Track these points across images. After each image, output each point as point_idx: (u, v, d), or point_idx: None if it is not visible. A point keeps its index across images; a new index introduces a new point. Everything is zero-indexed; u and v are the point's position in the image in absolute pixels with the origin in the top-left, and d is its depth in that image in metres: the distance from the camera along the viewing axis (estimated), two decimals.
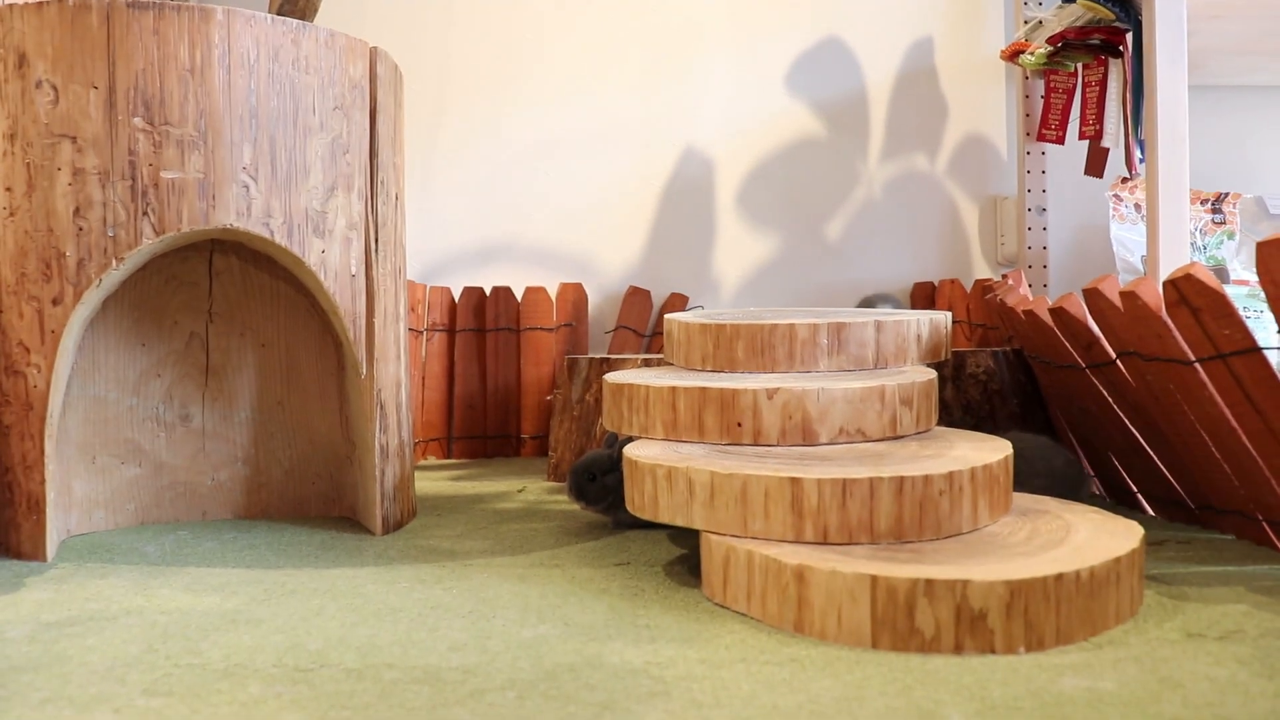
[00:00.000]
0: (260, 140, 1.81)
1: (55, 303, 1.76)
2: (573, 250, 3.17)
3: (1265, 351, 1.53)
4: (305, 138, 1.86)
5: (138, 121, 1.75)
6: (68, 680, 1.21)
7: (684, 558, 1.80)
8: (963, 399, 2.32)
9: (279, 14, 2.11)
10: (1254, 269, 2.70)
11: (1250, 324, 2.58)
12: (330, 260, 1.90)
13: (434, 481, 2.61)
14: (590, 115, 3.17)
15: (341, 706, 1.13)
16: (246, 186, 1.80)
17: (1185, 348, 1.63)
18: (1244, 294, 2.76)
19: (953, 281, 3.09)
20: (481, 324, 3.08)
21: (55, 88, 1.74)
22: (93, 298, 1.82)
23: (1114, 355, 1.83)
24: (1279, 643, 1.29)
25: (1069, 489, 1.93)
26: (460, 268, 3.16)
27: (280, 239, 1.84)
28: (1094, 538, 1.46)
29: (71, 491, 1.99)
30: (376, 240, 1.98)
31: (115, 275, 1.82)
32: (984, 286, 2.89)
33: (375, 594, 1.59)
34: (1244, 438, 1.64)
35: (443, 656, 1.30)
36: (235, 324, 2.13)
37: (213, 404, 2.13)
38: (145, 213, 1.75)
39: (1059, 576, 1.29)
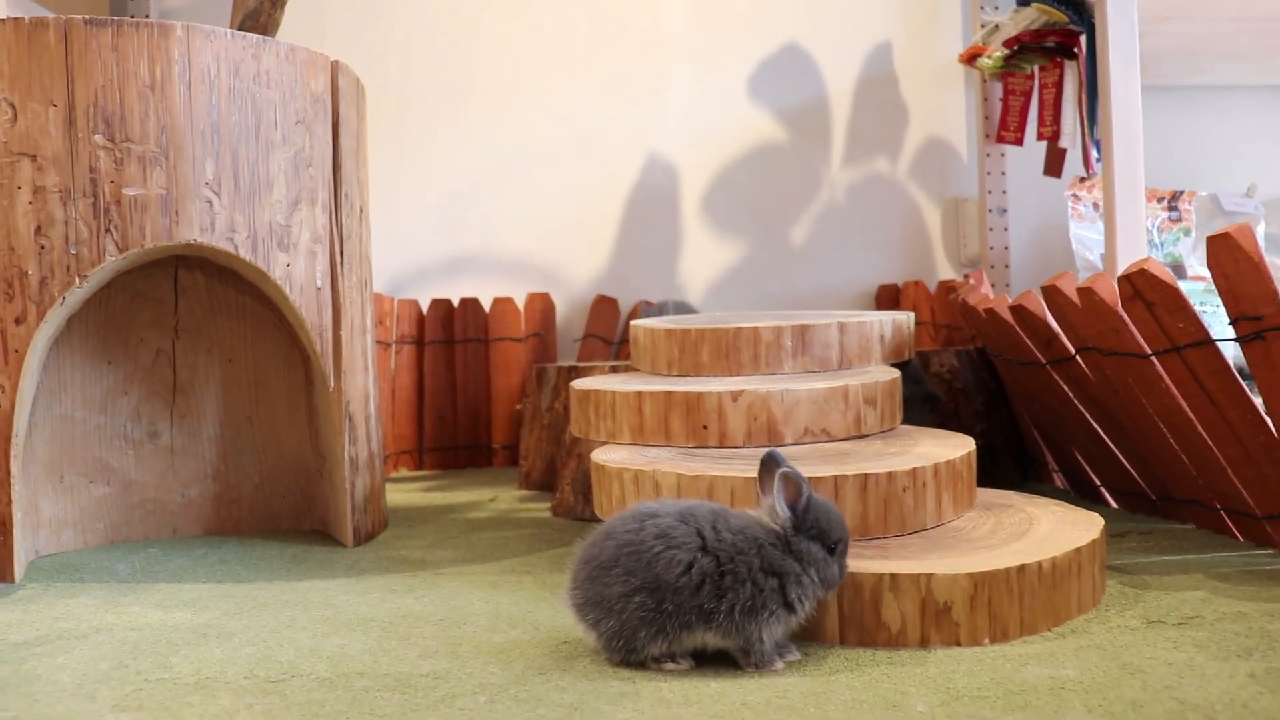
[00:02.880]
0: (222, 155, 1.81)
1: (18, 322, 1.75)
2: (540, 260, 3.18)
3: (1218, 343, 1.56)
4: (268, 152, 1.86)
5: (98, 139, 1.75)
6: (36, 699, 1.20)
7: None
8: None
9: (240, 29, 2.11)
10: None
11: (1206, 318, 2.62)
12: (295, 274, 1.90)
13: (405, 493, 2.61)
14: (555, 126, 3.18)
15: (313, 716, 1.13)
16: (210, 202, 1.80)
17: (1141, 341, 1.65)
18: (1200, 289, 2.79)
19: (916, 283, 3.11)
20: (450, 335, 3.08)
21: (13, 106, 1.73)
22: (57, 316, 1.82)
23: (1073, 351, 1.85)
24: (1235, 627, 1.31)
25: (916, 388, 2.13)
26: (428, 280, 3.16)
27: (245, 253, 1.83)
28: (1056, 530, 1.48)
29: (39, 511, 1.98)
30: (341, 253, 1.98)
31: (79, 293, 1.81)
32: (947, 287, 2.92)
33: (346, 604, 1.59)
34: (1200, 428, 1.67)
35: (414, 664, 1.31)
36: (202, 340, 2.13)
37: (181, 420, 2.12)
38: (108, 230, 1.75)
39: (1021, 568, 1.31)
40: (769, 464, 1.27)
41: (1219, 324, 2.53)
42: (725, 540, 1.20)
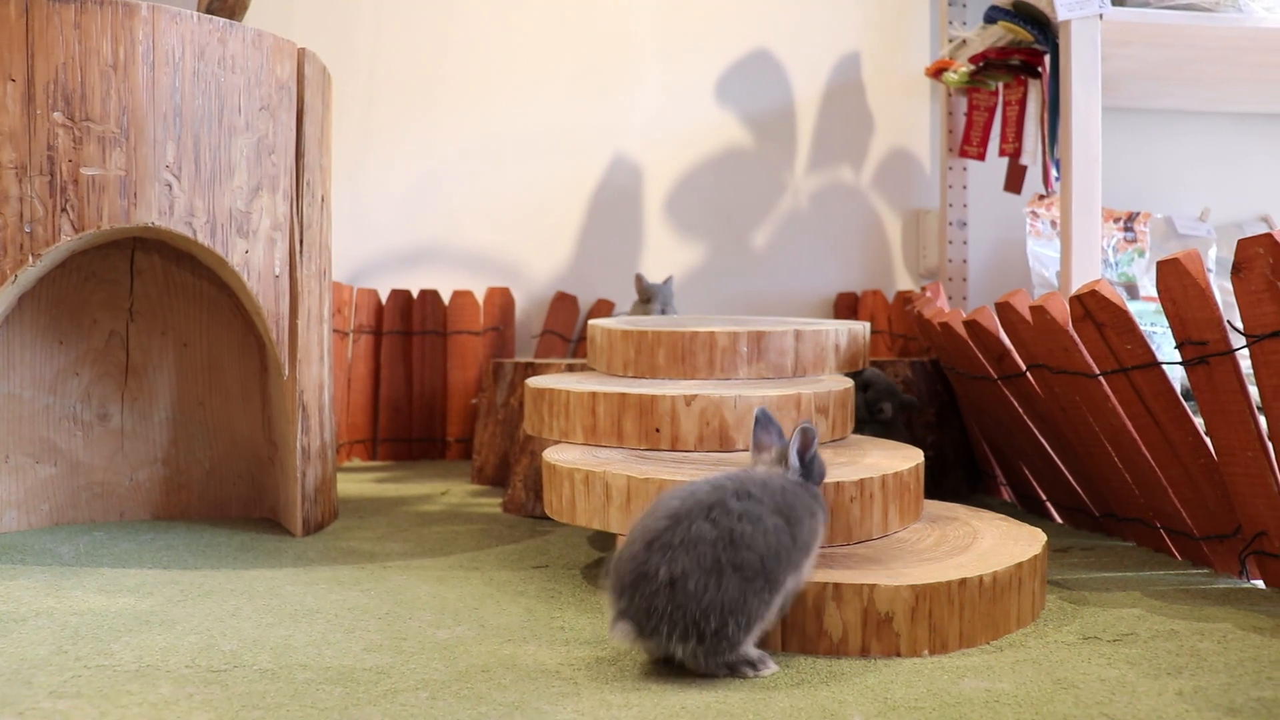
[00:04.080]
0: (184, 139, 1.80)
1: None
2: (501, 255, 3.18)
3: (1164, 366, 1.59)
4: (230, 137, 1.85)
5: (57, 116, 1.73)
6: None
7: (603, 561, 1.81)
8: None
9: (207, 12, 2.09)
10: None
11: (1157, 339, 2.66)
12: (254, 261, 1.89)
13: (357, 483, 2.60)
14: (520, 121, 3.18)
15: (253, 707, 1.13)
16: (169, 185, 1.78)
17: (1090, 361, 1.68)
18: (1153, 310, 2.84)
19: (875, 292, 3.14)
20: (408, 326, 3.07)
21: None
22: (8, 294, 1.80)
23: (1024, 367, 1.88)
24: (1168, 644, 1.34)
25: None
26: (388, 270, 3.15)
27: (203, 238, 1.82)
28: (999, 544, 1.50)
29: None
30: (301, 242, 1.97)
31: (32, 272, 1.80)
32: (905, 298, 2.95)
33: (293, 595, 1.59)
34: (1144, 448, 1.70)
35: (357, 657, 1.31)
36: (156, 323, 2.11)
37: (132, 403, 2.11)
38: (64, 209, 1.73)
39: (963, 581, 1.33)
40: (764, 420, 1.40)
41: (1169, 345, 2.57)
42: (777, 498, 1.29)
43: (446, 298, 3.10)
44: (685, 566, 1.19)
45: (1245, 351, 1.46)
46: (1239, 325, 1.46)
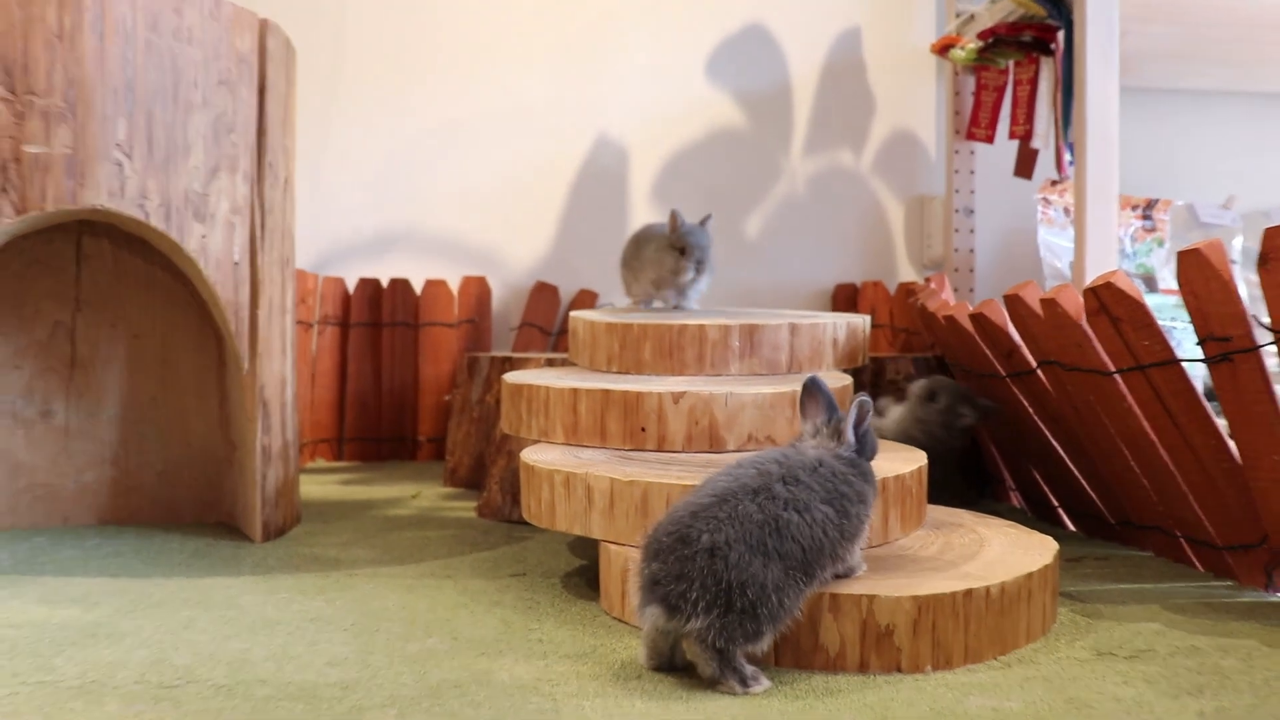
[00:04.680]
0: (136, 115, 1.78)
1: None
2: (476, 241, 3.17)
3: (1184, 364, 1.59)
4: (186, 114, 1.84)
5: None
6: None
7: (584, 569, 1.81)
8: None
9: None
10: None
11: (1176, 335, 2.67)
12: (211, 246, 1.88)
13: (322, 485, 2.59)
14: (497, 98, 3.17)
15: None
16: (120, 164, 1.77)
17: (1105, 358, 1.68)
18: (1172, 304, 2.85)
19: (876, 284, 3.14)
20: (377, 318, 3.06)
21: None
22: None
23: (1034, 364, 1.88)
24: (1188, 661, 1.34)
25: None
26: (355, 258, 3.14)
27: (157, 222, 1.81)
28: (1007, 553, 1.50)
29: None
30: (262, 226, 1.96)
31: None
32: (908, 290, 2.95)
33: (251, 605, 1.58)
34: (1162, 451, 1.70)
35: (320, 672, 1.30)
36: (105, 313, 2.10)
37: (79, 400, 2.09)
38: (4, 189, 1.72)
39: (968, 593, 1.33)
40: (813, 389, 1.42)
41: (1190, 340, 2.58)
42: (830, 485, 1.32)
43: (418, 287, 3.09)
44: (730, 538, 1.24)
45: (1272, 348, 1.46)
46: (1265, 320, 1.46)
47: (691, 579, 1.22)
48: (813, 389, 1.42)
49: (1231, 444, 1.58)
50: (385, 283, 3.08)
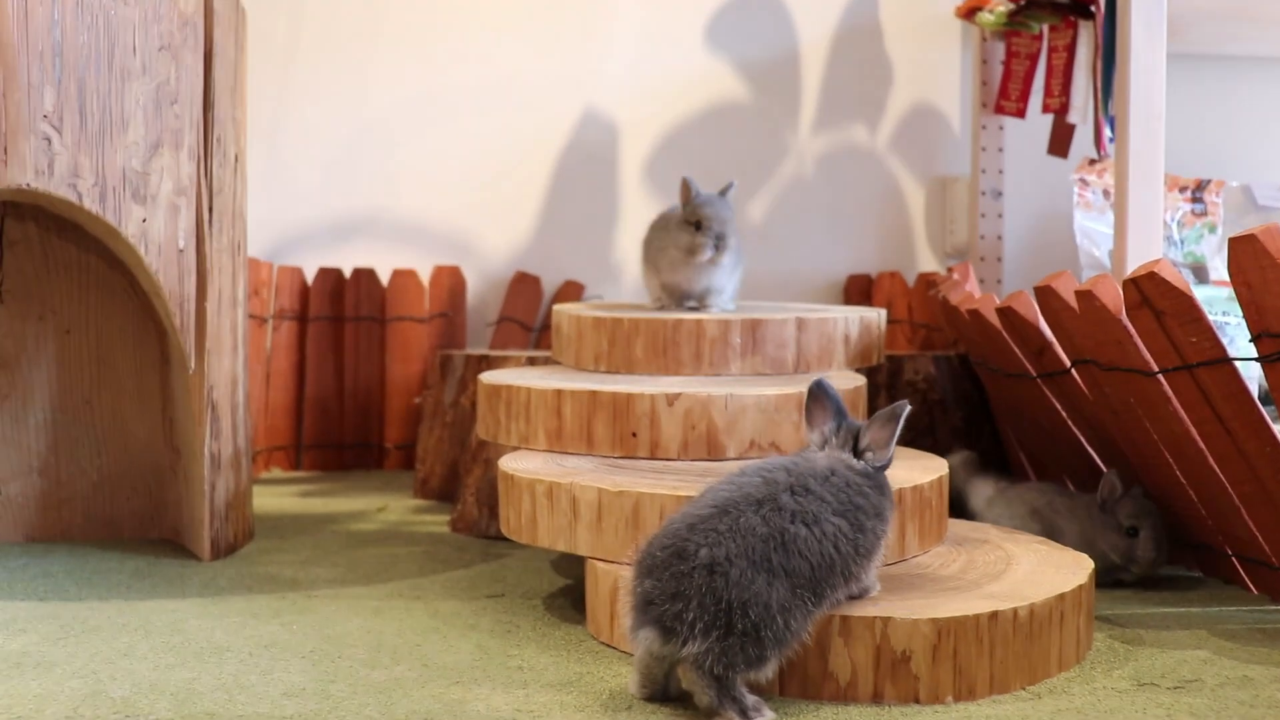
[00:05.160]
0: (66, 84, 1.79)
1: None
2: (450, 228, 3.17)
3: (1236, 363, 1.60)
4: (123, 83, 1.84)
5: None
6: None
7: (568, 589, 1.81)
8: None
9: None
10: None
11: (1228, 331, 2.68)
12: (153, 231, 1.88)
13: (278, 497, 2.60)
14: (474, 69, 3.17)
15: None
16: (48, 139, 1.77)
17: (1147, 356, 1.69)
18: (1224, 297, 2.85)
19: (893, 274, 3.15)
20: (339, 312, 3.06)
21: None
22: None
23: (1068, 363, 1.88)
24: (1240, 694, 1.35)
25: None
26: (315, 245, 3.14)
27: (90, 204, 1.81)
28: (1037, 571, 1.51)
29: None
30: (210, 209, 1.96)
31: None
32: (928, 281, 2.96)
33: (198, 631, 1.58)
34: (1211, 460, 1.71)
35: (276, 703, 1.30)
36: (32, 305, 2.10)
37: (2, 402, 2.10)
38: None
39: (994, 615, 1.33)
40: (819, 393, 1.42)
41: (1242, 338, 2.59)
42: (844, 496, 1.33)
43: (385, 278, 3.10)
44: (730, 553, 1.24)
45: None
46: None
47: (688, 598, 1.22)
48: (819, 394, 1.42)
49: None
50: (348, 273, 3.08)
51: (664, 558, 1.26)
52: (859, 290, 3.22)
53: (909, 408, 1.39)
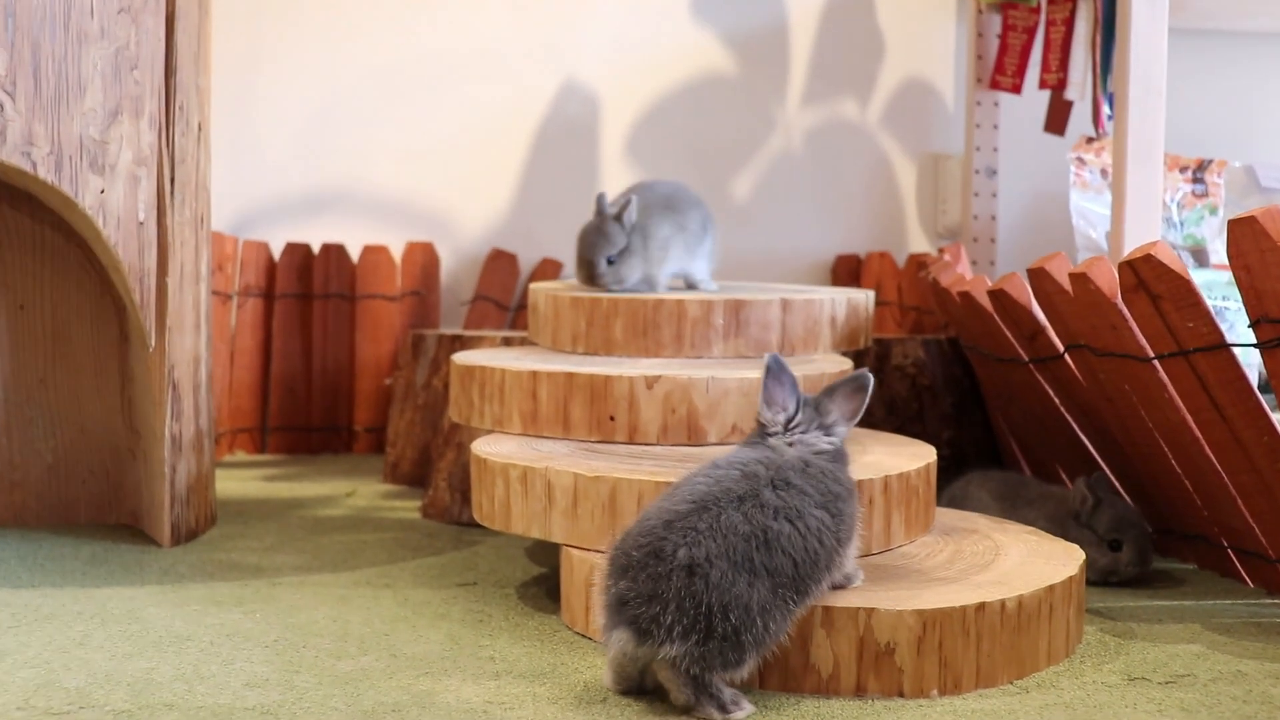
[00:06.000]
0: (20, 46, 1.78)
1: None
2: (423, 202, 3.17)
3: (1234, 349, 1.61)
4: (80, 46, 1.83)
5: None
6: None
7: (543, 578, 1.82)
8: (886, 395, 2.38)
9: None
10: None
11: (1228, 316, 2.69)
12: (112, 203, 1.87)
13: (242, 481, 2.59)
14: (450, 38, 3.16)
15: None
16: (0, 105, 1.76)
17: (1143, 342, 1.70)
18: (1225, 281, 2.86)
19: (882, 255, 3.16)
20: (308, 289, 3.06)
21: None
22: None
23: (1062, 348, 1.89)
24: (1233, 689, 1.36)
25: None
26: (282, 219, 3.13)
27: (46, 173, 1.81)
28: (1026, 562, 1.52)
29: None
30: (172, 180, 1.96)
31: None
32: (919, 263, 2.96)
33: (157, 619, 1.58)
34: (1208, 449, 1.72)
35: (237, 694, 1.30)
36: None
37: None
38: None
39: (981, 607, 1.34)
40: (777, 371, 1.42)
41: (1242, 324, 2.60)
42: (822, 486, 1.33)
43: (355, 254, 3.09)
44: (711, 553, 1.23)
45: None
46: None
47: (666, 601, 1.22)
48: (777, 371, 1.42)
49: None
50: (317, 248, 3.07)
51: (640, 557, 1.25)
52: (847, 271, 3.22)
53: (873, 378, 1.41)
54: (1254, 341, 1.57)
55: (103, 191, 1.86)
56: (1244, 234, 1.50)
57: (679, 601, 1.21)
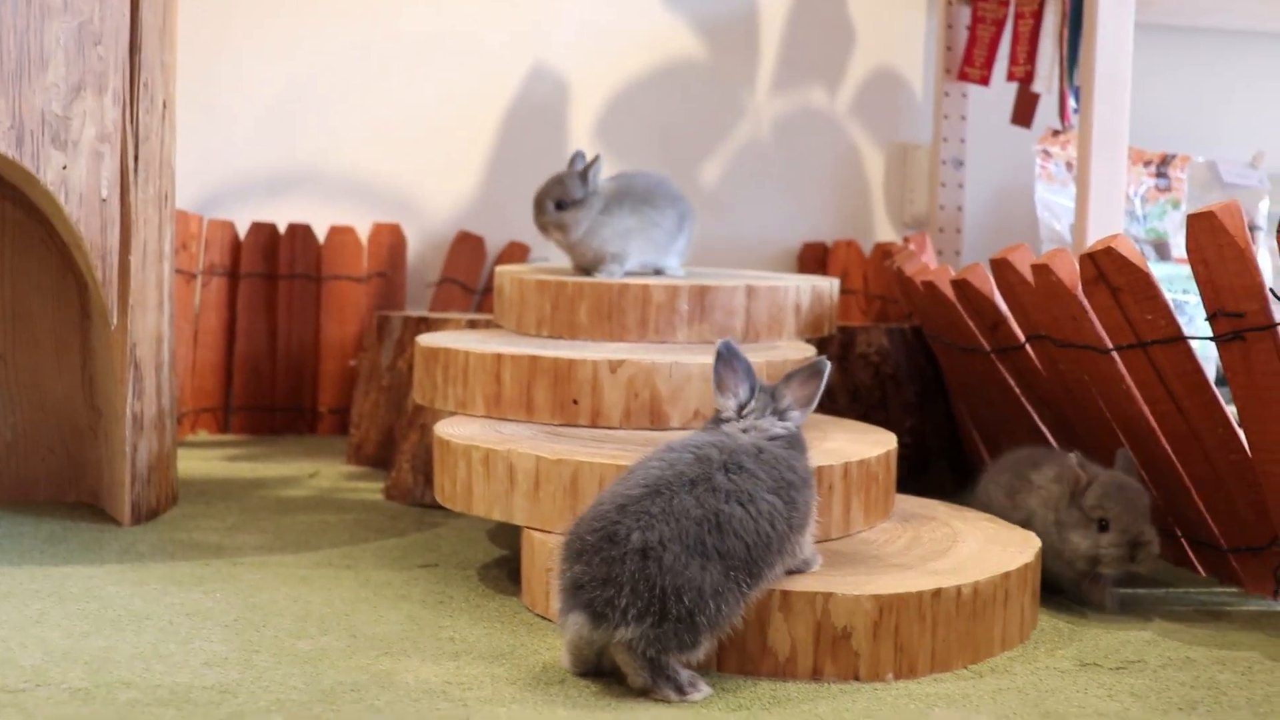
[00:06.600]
0: None
1: None
2: (391, 183, 3.16)
3: (1191, 342, 1.63)
4: (42, 19, 1.82)
5: None
6: None
7: (504, 560, 1.83)
8: (850, 383, 2.40)
9: None
10: None
11: (1188, 310, 2.72)
12: (74, 179, 1.87)
13: (204, 461, 2.59)
14: (419, 19, 3.16)
15: None
16: None
17: (1102, 333, 1.71)
18: (1185, 275, 2.89)
19: (849, 243, 3.17)
20: (273, 268, 3.05)
21: None
22: None
23: (1023, 338, 1.91)
24: (1181, 675, 1.38)
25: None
26: (248, 198, 3.12)
27: (6, 148, 1.80)
28: (983, 550, 1.54)
29: None
30: (136, 157, 1.95)
31: None
32: (885, 251, 2.98)
33: (116, 597, 1.58)
34: (1163, 440, 1.74)
35: (196, 673, 1.31)
36: None
37: None
38: None
39: (937, 592, 1.36)
40: (729, 356, 1.42)
41: (1201, 317, 2.63)
42: (775, 472, 1.34)
43: (321, 234, 3.09)
44: (664, 536, 1.25)
45: None
46: None
47: (620, 584, 1.23)
48: (729, 357, 1.43)
49: (1241, 434, 1.62)
50: (282, 228, 3.06)
51: (594, 541, 1.27)
52: (814, 259, 3.24)
53: (829, 365, 1.43)
54: (1210, 335, 1.59)
55: (65, 167, 1.86)
56: (1202, 229, 1.52)
57: (633, 585, 1.23)
